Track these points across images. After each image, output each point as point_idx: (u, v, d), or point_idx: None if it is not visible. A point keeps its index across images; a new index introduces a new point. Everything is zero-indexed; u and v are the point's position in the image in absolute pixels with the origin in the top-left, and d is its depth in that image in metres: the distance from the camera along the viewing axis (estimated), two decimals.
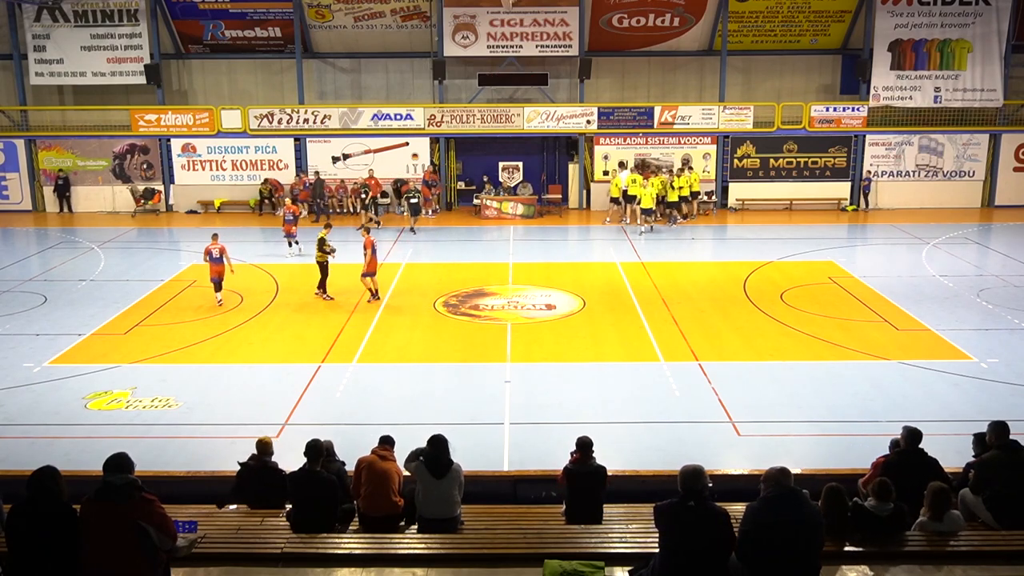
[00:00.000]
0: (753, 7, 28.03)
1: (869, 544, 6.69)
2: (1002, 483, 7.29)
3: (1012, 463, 7.38)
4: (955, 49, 27.92)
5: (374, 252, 17.87)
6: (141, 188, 28.69)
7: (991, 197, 28.79)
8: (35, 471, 5.78)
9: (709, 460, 10.56)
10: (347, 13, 28.11)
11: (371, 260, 17.77)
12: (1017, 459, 7.41)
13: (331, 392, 13.20)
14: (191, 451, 11.17)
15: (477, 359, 14.63)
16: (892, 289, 18.57)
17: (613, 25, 28.44)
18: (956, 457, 9.13)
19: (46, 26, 28.15)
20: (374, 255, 17.88)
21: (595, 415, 12.29)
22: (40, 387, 13.39)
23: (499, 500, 9.05)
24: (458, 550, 6.90)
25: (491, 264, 21.51)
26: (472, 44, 27.90)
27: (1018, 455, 7.44)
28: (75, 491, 5.75)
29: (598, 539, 7.14)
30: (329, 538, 7.13)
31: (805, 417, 12.14)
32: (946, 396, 12.82)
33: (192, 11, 28.27)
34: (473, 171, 29.52)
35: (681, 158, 28.21)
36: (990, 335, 15.57)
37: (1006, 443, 7.53)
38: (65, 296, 18.43)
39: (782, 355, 14.81)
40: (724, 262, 22.02)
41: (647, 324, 16.41)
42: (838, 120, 28.42)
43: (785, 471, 5.92)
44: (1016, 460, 7.40)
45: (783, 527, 5.74)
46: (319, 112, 28.37)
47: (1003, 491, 7.26)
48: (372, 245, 17.77)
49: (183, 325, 16.55)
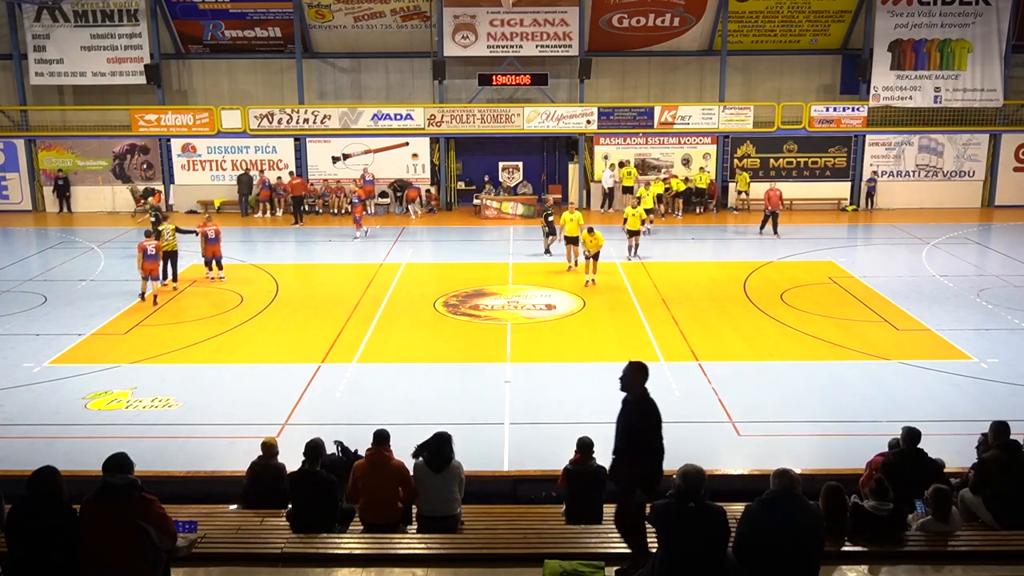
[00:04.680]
0: (753, 7, 28.03)
1: (869, 544, 6.69)
2: (1002, 483, 7.28)
3: (1012, 463, 7.38)
4: (955, 49, 27.92)
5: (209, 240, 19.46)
6: (141, 188, 28.67)
7: (991, 197, 28.81)
8: (35, 471, 5.78)
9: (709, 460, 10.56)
10: (347, 13, 28.11)
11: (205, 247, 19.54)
12: (1017, 459, 7.41)
13: (331, 392, 13.20)
14: (191, 451, 11.16)
15: (477, 359, 14.63)
16: (892, 289, 18.57)
17: (613, 25, 28.44)
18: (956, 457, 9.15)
19: (46, 26, 28.15)
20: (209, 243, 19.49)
21: (595, 415, 12.25)
22: (40, 387, 13.38)
23: (499, 500, 9.05)
24: (458, 550, 6.90)
25: (491, 264, 21.51)
26: (472, 44, 27.91)
27: (1018, 455, 7.44)
28: (75, 491, 5.74)
29: (598, 539, 7.14)
30: (329, 538, 7.13)
31: (805, 417, 12.14)
32: (946, 396, 12.81)
33: (192, 11, 28.27)
34: (473, 171, 29.52)
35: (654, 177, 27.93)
36: (990, 335, 15.57)
37: (1006, 443, 7.54)
38: (65, 296, 18.42)
39: (782, 355, 14.81)
40: (724, 262, 22.02)
41: (647, 324, 16.41)
42: (838, 120, 28.43)
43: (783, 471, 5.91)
44: (1016, 460, 7.40)
45: (782, 527, 5.74)
46: (319, 112, 28.37)
47: (1003, 491, 7.26)
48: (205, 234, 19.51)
49: (183, 325, 16.55)
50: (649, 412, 6.54)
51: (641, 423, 6.51)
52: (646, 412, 6.53)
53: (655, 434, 6.60)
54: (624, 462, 6.58)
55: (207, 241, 19.57)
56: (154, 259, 18.27)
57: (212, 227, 19.76)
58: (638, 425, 6.51)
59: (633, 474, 6.56)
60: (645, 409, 6.54)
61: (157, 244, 18.46)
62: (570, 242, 20.34)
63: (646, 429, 6.52)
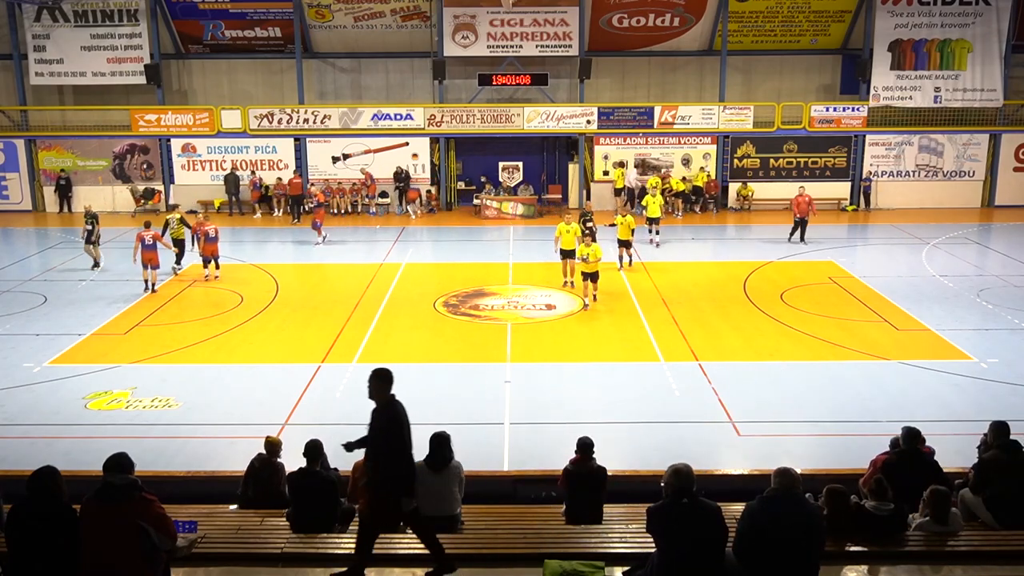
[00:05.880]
0: (753, 7, 28.03)
1: (869, 544, 6.69)
2: (1002, 483, 7.28)
3: (1012, 463, 7.38)
4: (955, 49, 27.92)
5: (207, 239, 19.64)
6: (141, 188, 28.70)
7: (991, 197, 28.81)
8: (35, 471, 5.77)
9: (709, 460, 10.62)
10: (347, 13, 28.11)
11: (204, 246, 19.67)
12: (1017, 459, 7.41)
13: (331, 392, 13.20)
14: (191, 451, 11.16)
15: (477, 359, 14.63)
16: (892, 289, 18.57)
17: (613, 25, 28.44)
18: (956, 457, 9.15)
19: (46, 26, 28.15)
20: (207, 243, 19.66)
21: (595, 415, 12.28)
22: (40, 387, 13.38)
23: (499, 500, 9.04)
24: (458, 550, 6.90)
25: (491, 264, 21.51)
26: (472, 44, 27.90)
27: (1018, 455, 7.44)
28: (75, 491, 5.74)
29: (598, 539, 7.13)
30: (329, 538, 7.13)
31: (805, 417, 12.13)
32: (946, 396, 12.81)
33: (192, 11, 28.27)
34: (473, 171, 29.52)
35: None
36: (990, 335, 15.57)
37: (1006, 443, 7.54)
38: (65, 296, 18.42)
39: (782, 355, 14.81)
40: (724, 262, 22.02)
41: (647, 324, 16.40)
42: (838, 120, 28.42)
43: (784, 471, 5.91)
44: (1016, 460, 7.40)
45: (782, 527, 5.74)
46: (319, 112, 28.37)
47: (1003, 491, 7.26)
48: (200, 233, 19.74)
49: (183, 325, 16.54)
50: (394, 418, 6.59)
51: (386, 429, 6.54)
52: (391, 418, 6.58)
53: (401, 439, 6.62)
54: (377, 469, 6.58)
55: (206, 240, 19.69)
56: (152, 248, 18.67)
57: (210, 226, 19.88)
58: (384, 432, 6.54)
59: (387, 480, 6.53)
60: (390, 415, 6.58)
61: (155, 234, 18.92)
62: (567, 256, 18.55)
63: (391, 435, 6.55)
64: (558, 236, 18.64)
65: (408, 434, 6.69)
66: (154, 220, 21.30)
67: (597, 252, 17.36)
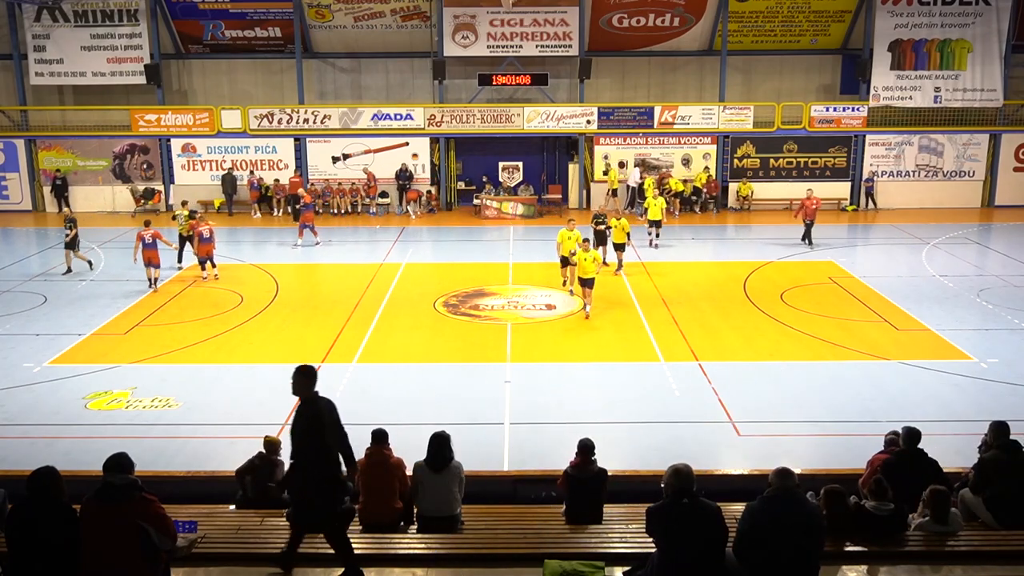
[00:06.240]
0: (753, 7, 28.03)
1: (869, 544, 6.69)
2: (1002, 483, 7.28)
3: (1012, 463, 7.37)
4: (955, 49, 27.92)
5: (202, 240, 19.59)
6: (141, 188, 28.70)
7: (991, 197, 28.81)
8: (34, 471, 5.77)
9: (709, 460, 10.62)
10: (347, 13, 28.11)
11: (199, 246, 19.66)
12: (1017, 459, 7.41)
13: (331, 392, 12.93)
14: (191, 451, 11.16)
15: (477, 359, 14.62)
16: (892, 289, 18.57)
17: (613, 25, 28.44)
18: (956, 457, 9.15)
19: (46, 26, 28.15)
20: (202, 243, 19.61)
21: (595, 415, 12.28)
22: (40, 387, 13.38)
23: (499, 500, 9.04)
24: (458, 550, 6.90)
25: (491, 264, 21.51)
26: (472, 44, 27.90)
27: (1018, 455, 7.43)
28: (75, 491, 5.74)
29: (598, 539, 7.13)
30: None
31: (805, 417, 12.14)
32: (946, 396, 12.82)
33: (192, 11, 28.27)
34: (473, 171, 29.52)
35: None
36: (990, 335, 15.57)
37: (1006, 443, 7.53)
38: (65, 296, 18.42)
39: (782, 355, 14.81)
40: (724, 262, 22.02)
41: (647, 324, 16.40)
42: (838, 120, 28.42)
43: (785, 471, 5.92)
44: (1016, 460, 7.40)
45: (783, 527, 5.74)
46: (319, 112, 28.37)
47: (1003, 491, 7.26)
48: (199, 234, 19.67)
49: (183, 325, 16.54)
50: (317, 415, 6.52)
51: (310, 426, 6.51)
52: (315, 415, 6.52)
53: (327, 435, 6.54)
54: (299, 466, 6.56)
55: (201, 240, 19.69)
56: (152, 247, 18.79)
57: (205, 227, 19.88)
58: (307, 428, 6.51)
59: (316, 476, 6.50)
60: (314, 411, 6.53)
61: (155, 232, 19.01)
62: (568, 263, 18.00)
63: (315, 431, 6.50)
64: (560, 242, 18.31)
65: (333, 432, 6.59)
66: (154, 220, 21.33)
67: (596, 258, 16.90)
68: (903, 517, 6.87)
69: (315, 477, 6.51)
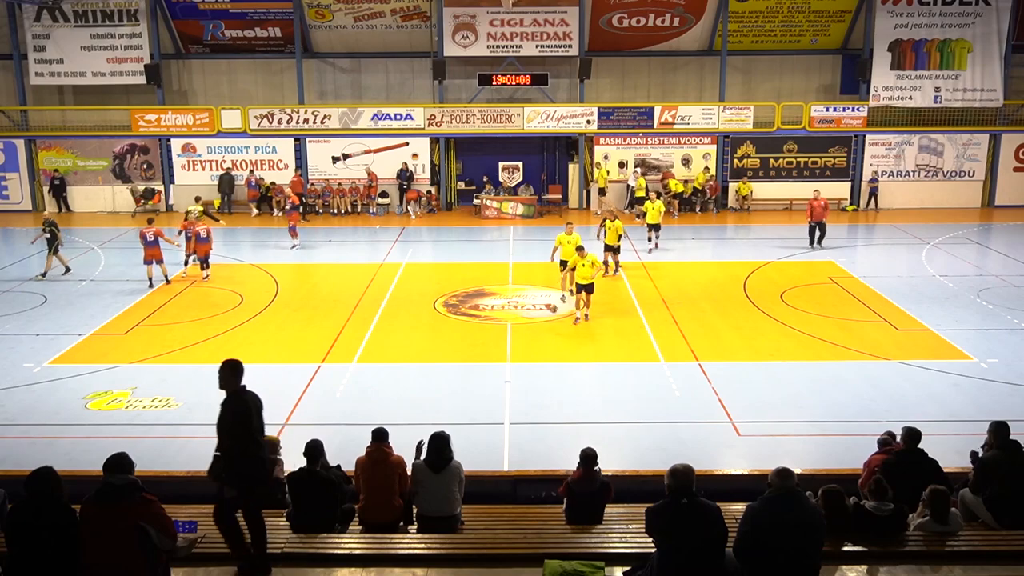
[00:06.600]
0: (753, 7, 28.03)
1: (869, 544, 6.69)
2: (1002, 483, 7.28)
3: (1012, 463, 7.37)
4: (955, 49, 27.93)
5: (199, 240, 19.67)
6: (141, 188, 28.70)
7: (991, 197, 28.81)
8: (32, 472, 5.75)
9: (709, 460, 10.62)
10: (347, 13, 28.11)
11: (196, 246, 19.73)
12: (1017, 459, 7.41)
13: (331, 392, 13.20)
14: (191, 451, 11.14)
15: (477, 359, 14.63)
16: (892, 289, 18.57)
17: (613, 25, 28.44)
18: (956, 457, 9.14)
19: (46, 26, 28.15)
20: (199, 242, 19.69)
21: (595, 415, 12.29)
22: (40, 387, 13.38)
23: (499, 500, 9.04)
24: (458, 550, 6.90)
25: (491, 264, 21.51)
26: (472, 44, 27.90)
27: (1018, 455, 7.44)
28: (75, 491, 5.74)
29: (598, 539, 7.14)
30: (329, 538, 7.13)
31: (805, 417, 12.14)
32: (946, 396, 12.82)
33: (192, 11, 28.27)
34: (473, 171, 29.52)
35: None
36: (990, 335, 15.57)
37: (1006, 443, 7.53)
38: (65, 296, 18.42)
39: (782, 355, 14.81)
40: (724, 262, 22.02)
41: (647, 324, 16.41)
42: (838, 120, 28.42)
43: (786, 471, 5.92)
44: (1016, 460, 7.40)
45: (783, 527, 5.74)
46: (319, 112, 28.37)
47: (1003, 491, 7.26)
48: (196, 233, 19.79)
49: (183, 325, 16.54)
50: (241, 411, 6.58)
51: (235, 419, 6.56)
52: (239, 408, 6.58)
53: (249, 428, 6.60)
54: (223, 458, 6.58)
55: (197, 240, 19.72)
56: (154, 245, 18.87)
57: (202, 227, 19.92)
58: (231, 420, 6.57)
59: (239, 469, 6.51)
60: (238, 405, 6.59)
61: (157, 230, 19.05)
62: (567, 266, 17.57)
63: (239, 424, 6.55)
64: (557, 246, 18.20)
65: (255, 427, 6.66)
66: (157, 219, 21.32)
67: (592, 264, 16.48)
68: (903, 517, 6.87)
69: (238, 469, 6.53)
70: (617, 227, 19.66)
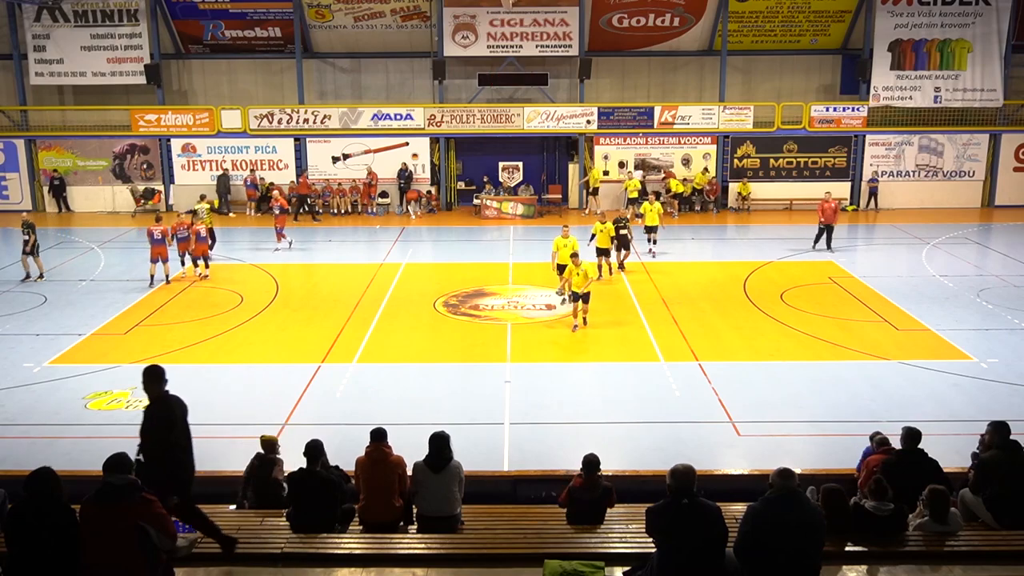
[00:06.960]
0: (753, 7, 28.03)
1: (869, 544, 6.69)
2: (1002, 483, 7.28)
3: (1012, 463, 7.37)
4: (955, 49, 27.93)
5: (199, 239, 19.74)
6: (141, 188, 28.70)
7: (991, 197, 28.81)
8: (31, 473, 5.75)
9: (709, 460, 10.62)
10: (347, 13, 28.11)
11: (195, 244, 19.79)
12: (1017, 459, 7.41)
13: (331, 392, 13.20)
14: None
15: (477, 359, 14.63)
16: (892, 289, 18.57)
17: (613, 25, 28.44)
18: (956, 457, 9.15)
19: (46, 26, 28.15)
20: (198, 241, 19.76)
21: (595, 415, 12.29)
22: (40, 387, 13.38)
23: (499, 500, 9.04)
24: (458, 550, 6.90)
25: (491, 264, 21.51)
26: (472, 44, 27.90)
27: (1018, 455, 7.44)
28: (75, 491, 5.74)
29: (598, 539, 7.14)
30: (329, 538, 7.13)
31: (805, 417, 12.14)
32: (946, 396, 12.82)
33: (192, 11, 28.27)
34: (473, 171, 29.52)
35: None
36: (990, 335, 15.57)
37: (1006, 443, 7.53)
38: (65, 296, 18.42)
39: (782, 355, 14.81)
40: (724, 262, 22.02)
41: (647, 324, 16.41)
42: (838, 120, 28.42)
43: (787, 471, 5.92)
44: (1016, 460, 7.40)
45: (784, 527, 5.74)
46: (319, 112, 28.37)
47: (1003, 491, 7.26)
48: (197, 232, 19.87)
49: (183, 325, 16.54)
50: (164, 417, 6.59)
51: (159, 423, 6.58)
52: (164, 413, 6.59)
53: (175, 433, 6.60)
54: (149, 463, 6.58)
55: (198, 239, 19.77)
56: (161, 243, 18.93)
57: (201, 226, 19.95)
58: (156, 426, 6.58)
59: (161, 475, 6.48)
60: (162, 411, 6.61)
61: (163, 228, 19.12)
62: (563, 270, 17.19)
63: (164, 429, 6.56)
64: (555, 251, 18.07)
65: (178, 432, 6.66)
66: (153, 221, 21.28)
67: (588, 273, 16.26)
68: (903, 517, 6.87)
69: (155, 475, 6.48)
70: (609, 229, 19.47)
